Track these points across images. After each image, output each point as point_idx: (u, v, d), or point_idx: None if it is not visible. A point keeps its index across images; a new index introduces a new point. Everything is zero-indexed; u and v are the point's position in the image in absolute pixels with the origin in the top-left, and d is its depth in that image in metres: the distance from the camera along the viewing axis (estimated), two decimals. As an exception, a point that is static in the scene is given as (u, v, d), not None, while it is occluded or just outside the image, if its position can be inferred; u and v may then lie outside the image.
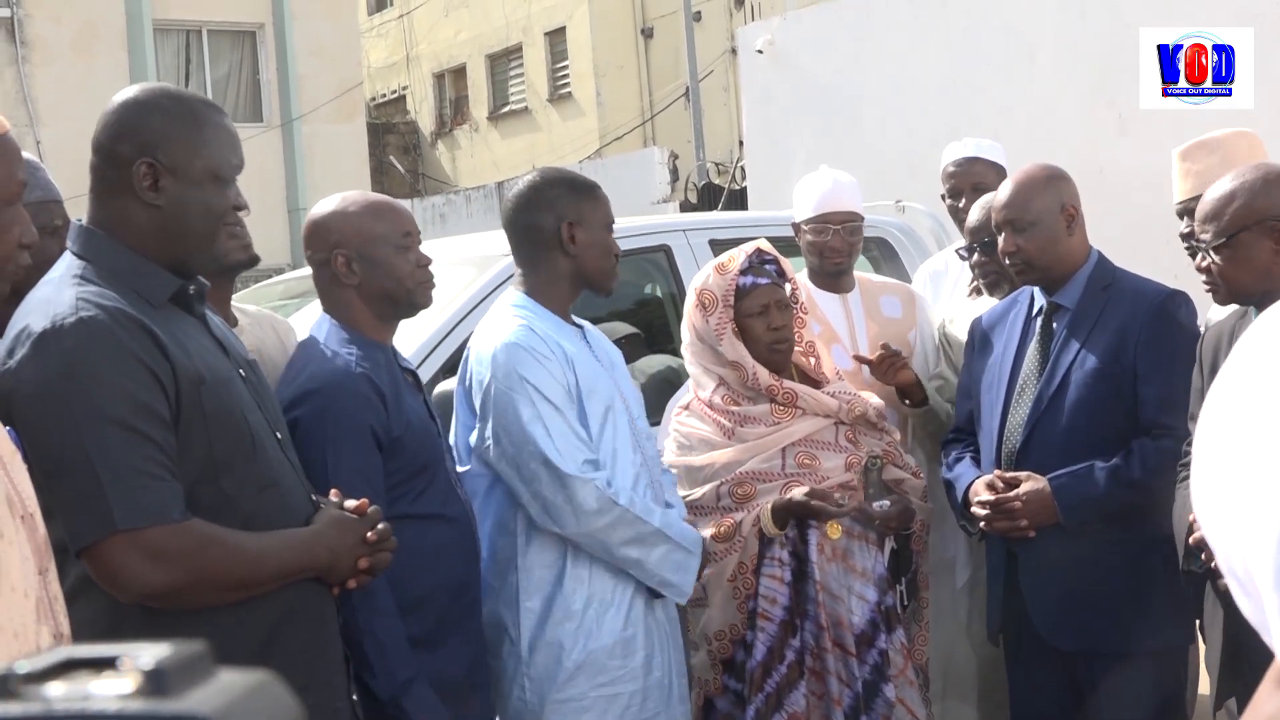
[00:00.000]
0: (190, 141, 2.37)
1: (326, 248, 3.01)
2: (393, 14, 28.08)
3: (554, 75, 25.29)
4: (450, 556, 3.01)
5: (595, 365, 3.36)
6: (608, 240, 3.40)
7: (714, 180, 18.07)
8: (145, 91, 2.43)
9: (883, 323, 4.32)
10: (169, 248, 2.38)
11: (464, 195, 19.62)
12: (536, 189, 3.39)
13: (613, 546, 3.25)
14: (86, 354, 2.22)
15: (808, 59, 8.41)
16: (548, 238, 3.34)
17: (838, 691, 3.55)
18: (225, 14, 20.42)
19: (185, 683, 0.57)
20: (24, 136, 18.44)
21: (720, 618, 3.66)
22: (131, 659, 0.58)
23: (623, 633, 3.30)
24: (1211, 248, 3.07)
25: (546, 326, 3.30)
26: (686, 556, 3.33)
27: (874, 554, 3.70)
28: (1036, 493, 3.48)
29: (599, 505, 3.19)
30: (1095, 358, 3.53)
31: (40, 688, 0.57)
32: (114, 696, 0.56)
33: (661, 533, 3.27)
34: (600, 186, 3.44)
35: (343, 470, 2.74)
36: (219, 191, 2.41)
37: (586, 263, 3.36)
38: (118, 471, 2.20)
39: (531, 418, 3.18)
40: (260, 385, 2.56)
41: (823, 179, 4.36)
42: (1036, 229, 3.58)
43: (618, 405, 3.36)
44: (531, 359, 3.21)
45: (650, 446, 3.49)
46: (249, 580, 2.36)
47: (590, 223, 3.35)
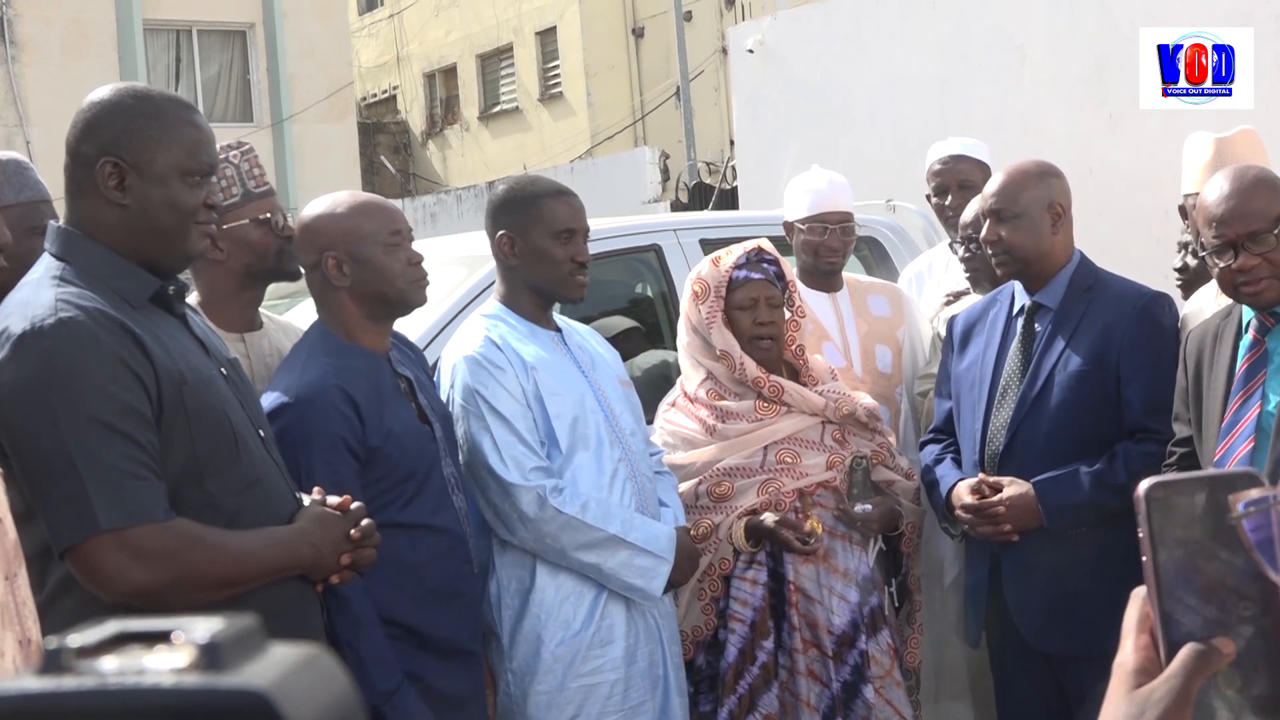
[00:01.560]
0: (153, 139, 2.35)
1: (316, 250, 3.00)
2: (383, 14, 28.06)
3: (545, 75, 25.29)
4: (439, 567, 3.00)
5: (567, 368, 3.39)
6: (553, 250, 3.37)
7: (705, 180, 18.06)
8: (112, 91, 2.42)
9: (872, 321, 4.33)
10: (140, 246, 2.37)
11: (455, 195, 19.61)
12: (489, 202, 3.47)
13: (566, 552, 3.28)
14: (67, 355, 2.21)
15: (798, 59, 8.41)
16: (496, 251, 3.41)
17: (807, 692, 3.56)
18: (215, 14, 20.40)
19: (239, 656, 0.57)
20: (13, 136, 18.41)
21: (685, 618, 3.66)
22: (185, 633, 0.57)
23: (600, 623, 3.31)
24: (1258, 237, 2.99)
25: (513, 334, 3.35)
26: (654, 561, 3.33)
27: (857, 555, 3.69)
28: (1020, 497, 3.47)
29: (542, 512, 3.23)
30: (1078, 359, 3.51)
31: (93, 662, 0.57)
32: (168, 671, 0.56)
33: (618, 539, 3.28)
34: (557, 194, 3.42)
35: (316, 481, 2.72)
36: (187, 189, 2.38)
37: (532, 274, 3.38)
38: (101, 471, 2.19)
39: (480, 429, 3.26)
40: (242, 384, 2.56)
41: (817, 179, 4.37)
42: (1020, 221, 3.57)
43: (589, 405, 3.37)
44: (484, 372, 3.27)
45: (637, 443, 3.48)
46: (234, 579, 2.36)
47: (530, 234, 3.36)
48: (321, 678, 0.59)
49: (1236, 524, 0.90)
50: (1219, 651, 0.90)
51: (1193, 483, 0.93)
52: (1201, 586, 0.91)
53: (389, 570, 2.82)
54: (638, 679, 3.34)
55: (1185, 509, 0.91)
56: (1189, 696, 0.89)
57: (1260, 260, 3.00)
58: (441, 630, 3.00)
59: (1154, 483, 0.92)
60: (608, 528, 3.27)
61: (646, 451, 3.55)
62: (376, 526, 2.59)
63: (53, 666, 0.56)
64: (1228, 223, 3.02)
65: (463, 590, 3.09)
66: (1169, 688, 0.90)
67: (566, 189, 3.48)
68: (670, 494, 3.54)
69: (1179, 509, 0.91)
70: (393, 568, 2.85)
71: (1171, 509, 0.91)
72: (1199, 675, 0.90)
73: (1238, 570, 0.91)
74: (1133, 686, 0.92)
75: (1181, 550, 0.91)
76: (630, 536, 3.30)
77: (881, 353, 4.31)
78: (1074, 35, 6.85)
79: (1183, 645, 0.90)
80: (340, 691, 0.60)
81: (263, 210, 3.08)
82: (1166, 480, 0.92)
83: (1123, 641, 0.94)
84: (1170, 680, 0.90)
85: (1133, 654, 0.93)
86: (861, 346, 4.27)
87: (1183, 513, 0.91)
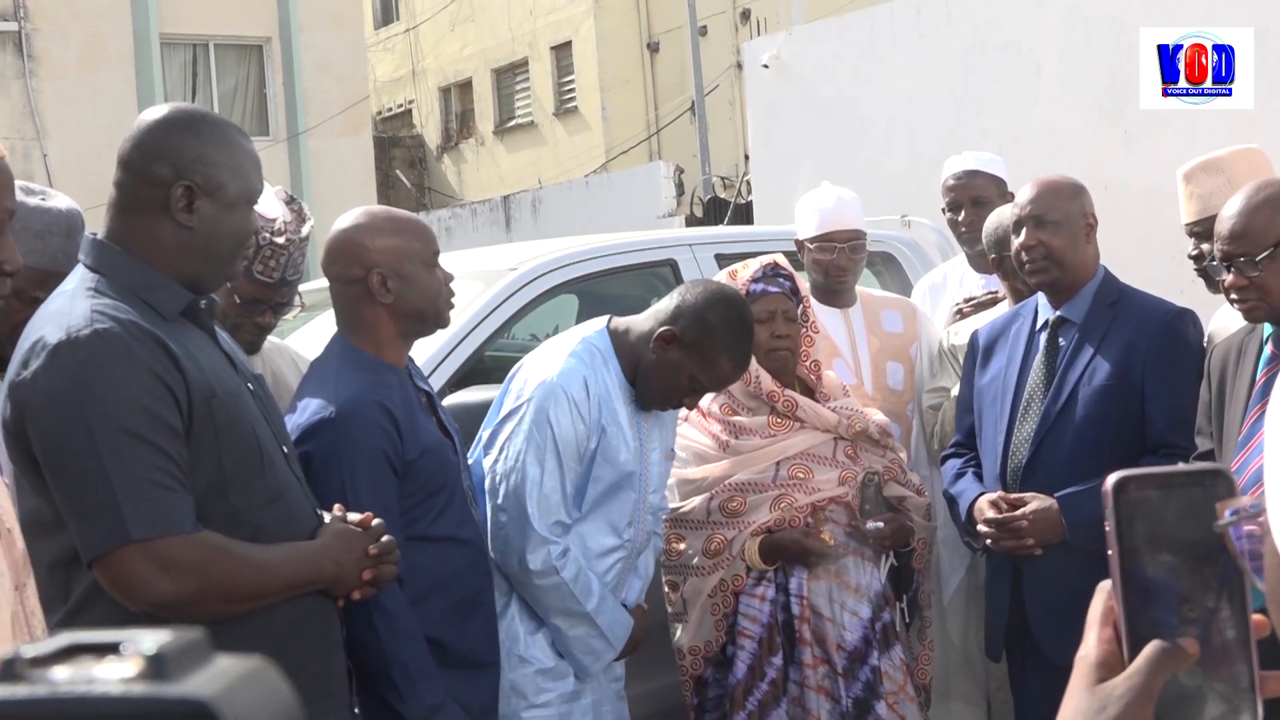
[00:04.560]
0: (225, 166, 2.40)
1: (361, 266, 2.96)
2: (399, 28, 28.16)
3: (560, 89, 25.34)
4: (464, 579, 3.02)
5: (630, 443, 3.37)
6: (689, 399, 3.40)
7: (719, 194, 18.08)
8: (182, 113, 2.45)
9: (884, 337, 4.33)
10: (190, 266, 2.40)
11: (470, 209, 19.66)
12: (691, 292, 3.47)
13: (541, 607, 3.32)
14: (101, 365, 2.24)
15: (813, 74, 8.42)
16: (656, 342, 3.37)
17: (817, 708, 3.56)
18: (232, 28, 20.48)
19: (185, 667, 0.59)
20: (31, 149, 18.49)
21: (696, 633, 3.67)
22: (133, 644, 0.60)
23: (558, 659, 3.36)
24: (1254, 261, 3.02)
25: (606, 380, 3.34)
26: (604, 647, 3.37)
27: (869, 570, 3.70)
28: (1044, 511, 3.47)
29: (544, 569, 3.25)
30: (1103, 374, 3.52)
31: (45, 671, 0.60)
32: (117, 680, 0.58)
33: (588, 616, 3.32)
34: (739, 354, 3.38)
35: (361, 498, 2.73)
36: (247, 216, 2.45)
37: (652, 378, 3.37)
38: (131, 482, 2.22)
39: (534, 459, 3.24)
40: (267, 399, 2.58)
41: (825, 197, 4.37)
42: (1061, 227, 3.58)
43: (631, 483, 3.38)
44: (567, 404, 3.25)
45: (642, 531, 3.48)
46: (258, 592, 2.38)
47: (696, 366, 3.36)
48: (265, 689, 0.62)
49: (1223, 532, 0.90)
50: (1184, 651, 0.90)
51: (1162, 477, 0.93)
52: (1167, 583, 0.91)
53: (420, 583, 2.84)
54: (578, 716, 3.38)
55: (1154, 504, 0.91)
56: (1151, 694, 0.89)
57: (1247, 282, 3.03)
58: (465, 643, 3.01)
59: (1122, 476, 0.92)
60: (585, 604, 3.31)
61: (655, 529, 3.54)
62: (409, 540, 2.60)
63: (8, 676, 0.59)
64: (1225, 239, 3.06)
65: (484, 602, 3.11)
66: (1131, 684, 0.90)
67: (747, 360, 3.44)
68: (648, 562, 3.54)
69: (1147, 503, 0.91)
70: (425, 581, 2.87)
71: (1140, 503, 0.91)
72: (1162, 673, 0.89)
73: (1205, 568, 0.90)
74: (1094, 681, 0.92)
75: (1148, 545, 0.91)
76: (598, 619, 3.34)
77: (893, 369, 4.31)
78: (1089, 50, 6.85)
79: (1146, 641, 0.90)
80: (284, 704, 0.62)
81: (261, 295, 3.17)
82: (1135, 474, 0.92)
83: (1086, 634, 0.94)
84: (1133, 677, 0.90)
85: (1095, 647, 0.93)
86: (873, 363, 4.27)
87: (1151, 507, 0.91)
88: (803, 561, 3.61)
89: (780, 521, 3.62)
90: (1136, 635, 0.91)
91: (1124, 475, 0.92)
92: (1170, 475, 0.93)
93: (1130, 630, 0.91)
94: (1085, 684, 0.92)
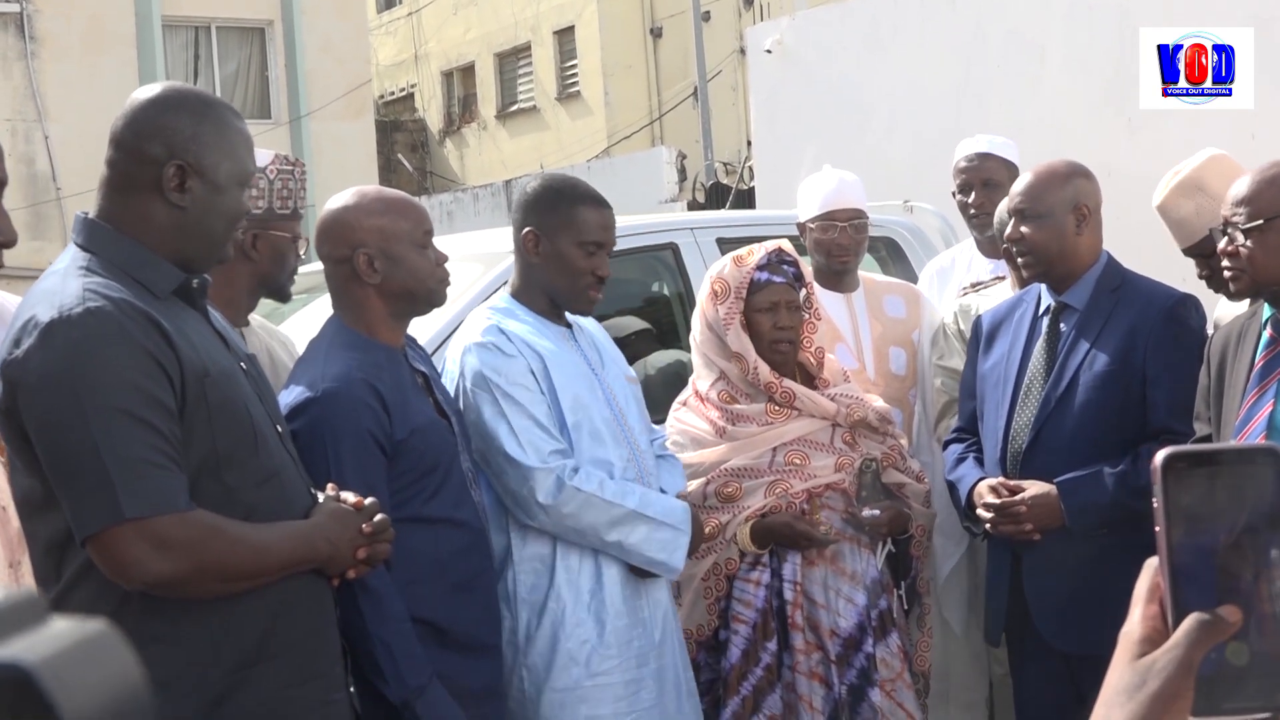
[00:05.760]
0: (218, 146, 2.39)
1: (348, 246, 2.97)
2: (401, 11, 28.10)
3: (562, 74, 25.30)
4: (460, 561, 3.00)
5: (576, 363, 3.36)
6: (577, 259, 3.34)
7: (722, 180, 18.05)
8: (175, 92, 2.44)
9: (886, 322, 4.32)
10: (182, 246, 2.39)
11: (471, 193, 19.62)
12: (522, 193, 3.47)
13: (588, 532, 3.26)
14: (94, 344, 2.22)
15: (816, 59, 8.40)
16: (518, 244, 3.39)
17: (810, 694, 3.55)
18: (234, 10, 20.45)
19: (10, 629, 0.55)
20: (33, 131, 18.48)
21: (688, 617, 3.65)
22: None
23: (614, 623, 3.30)
24: (1243, 229, 3.00)
25: (522, 326, 3.32)
26: (674, 534, 3.32)
27: (865, 558, 3.68)
28: (1043, 496, 3.47)
29: (560, 494, 3.20)
30: (1104, 360, 3.51)
31: None
32: None
33: (638, 514, 3.27)
34: (595, 204, 3.37)
35: (346, 476, 2.72)
36: (239, 196, 2.45)
37: (549, 277, 3.36)
38: (125, 461, 2.21)
39: (494, 414, 3.23)
40: (260, 379, 2.57)
41: (827, 178, 4.37)
42: (1044, 221, 3.57)
43: (598, 403, 3.36)
44: (496, 357, 3.25)
45: (642, 441, 3.46)
46: (252, 571, 2.37)
47: (558, 238, 3.35)
48: (103, 657, 0.57)
49: None
50: (1225, 621, 0.89)
51: (1211, 454, 0.93)
52: (1213, 559, 0.90)
53: (413, 565, 2.82)
54: (650, 680, 3.34)
55: (1202, 481, 0.91)
56: (1191, 666, 0.88)
57: (1235, 250, 3.01)
58: (462, 625, 2.99)
59: (1171, 453, 0.91)
60: (626, 503, 3.26)
61: (650, 449, 3.52)
62: (401, 520, 2.59)
63: None
64: (1231, 202, 3.04)
65: (482, 584, 3.09)
66: (1171, 657, 0.89)
67: (604, 201, 3.43)
68: (670, 479, 3.51)
69: (1196, 481, 0.91)
70: (417, 562, 2.85)
71: (1188, 480, 0.91)
72: (1202, 645, 0.89)
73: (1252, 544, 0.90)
74: (1136, 656, 0.91)
75: (1195, 522, 0.91)
76: (649, 511, 3.29)
77: (895, 354, 4.30)
78: (1093, 37, 6.83)
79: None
80: (123, 671, 0.58)
81: (286, 230, 3.14)
82: (1184, 451, 0.92)
83: (1131, 610, 0.93)
84: (1173, 650, 0.89)
85: (1139, 623, 0.92)
86: (875, 348, 4.26)
87: (1199, 484, 0.91)
88: (795, 546, 3.60)
89: (775, 507, 3.61)
90: (1182, 611, 0.91)
91: (1172, 452, 0.91)
92: (1219, 452, 0.93)
93: (1176, 606, 0.91)
94: (1127, 658, 0.92)
